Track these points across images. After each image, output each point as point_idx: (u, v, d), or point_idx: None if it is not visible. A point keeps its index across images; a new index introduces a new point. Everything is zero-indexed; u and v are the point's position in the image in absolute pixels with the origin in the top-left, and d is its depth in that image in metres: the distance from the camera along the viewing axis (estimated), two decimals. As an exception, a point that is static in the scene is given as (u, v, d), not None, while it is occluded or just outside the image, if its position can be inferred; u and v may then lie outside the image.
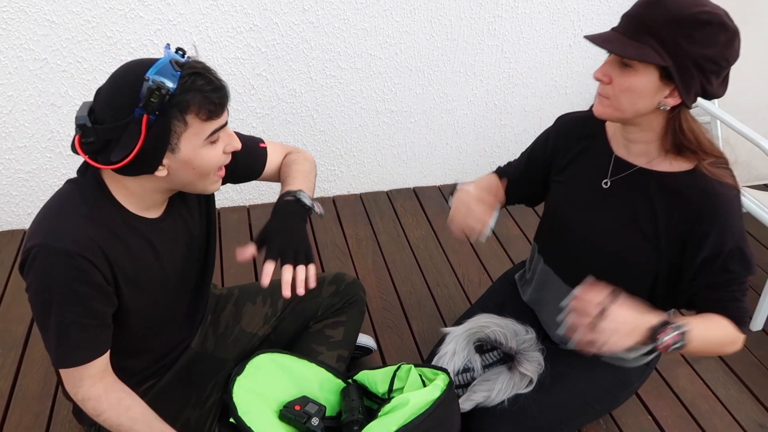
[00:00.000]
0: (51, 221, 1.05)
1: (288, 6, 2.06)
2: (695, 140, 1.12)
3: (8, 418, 1.57)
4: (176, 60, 1.00)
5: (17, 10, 1.85)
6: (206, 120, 1.02)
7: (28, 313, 1.88)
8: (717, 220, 1.13)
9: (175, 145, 1.02)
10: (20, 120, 2.03)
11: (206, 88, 1.01)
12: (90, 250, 1.04)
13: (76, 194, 1.08)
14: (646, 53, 1.04)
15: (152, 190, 1.11)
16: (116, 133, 0.99)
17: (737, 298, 1.18)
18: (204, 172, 1.08)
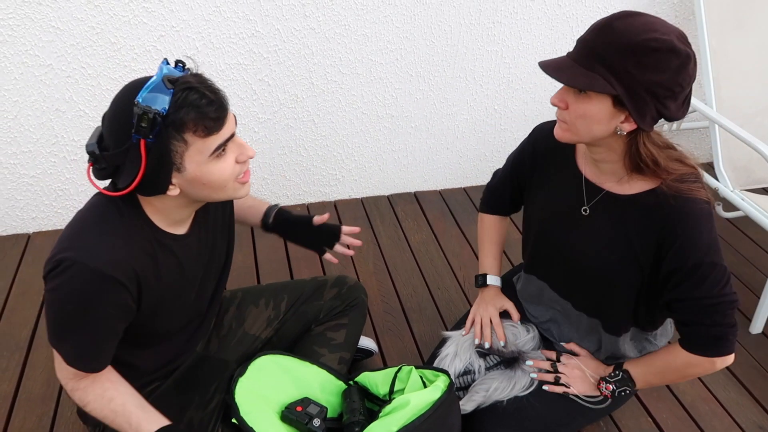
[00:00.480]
0: (89, 237, 1.04)
1: (289, 12, 2.08)
2: (652, 162, 1.12)
3: (12, 421, 1.58)
4: (169, 77, 0.97)
5: (23, 16, 1.88)
6: (206, 136, 1.00)
7: (32, 316, 1.90)
8: (678, 235, 1.14)
9: (179, 164, 1.01)
10: (25, 125, 2.05)
11: (200, 102, 0.97)
12: (124, 272, 1.05)
13: (113, 210, 1.07)
14: (595, 83, 1.04)
15: (175, 207, 1.11)
16: (121, 158, 1.00)
17: (696, 321, 1.20)
18: (218, 186, 1.07)
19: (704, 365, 1.24)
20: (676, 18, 2.47)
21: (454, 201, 2.59)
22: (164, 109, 0.95)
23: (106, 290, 1.04)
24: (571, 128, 1.14)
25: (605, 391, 1.35)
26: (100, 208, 1.08)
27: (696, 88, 2.53)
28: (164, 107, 0.95)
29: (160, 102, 0.95)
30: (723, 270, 1.16)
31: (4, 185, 2.15)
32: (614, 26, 1.04)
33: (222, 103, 1.01)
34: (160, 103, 0.95)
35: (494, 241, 1.60)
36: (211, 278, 1.31)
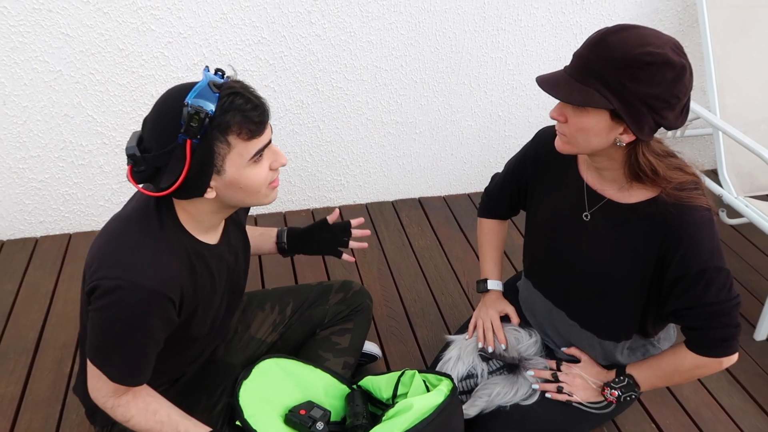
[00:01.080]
0: (134, 254, 1.05)
1: (295, 19, 2.10)
2: (651, 172, 1.13)
3: (18, 422, 1.59)
4: (214, 82, 1.00)
5: (33, 23, 1.90)
6: (248, 140, 1.02)
7: (39, 319, 1.92)
8: (681, 244, 1.15)
9: (220, 166, 1.03)
10: (34, 130, 2.08)
11: (245, 107, 1.00)
12: (172, 288, 1.07)
13: (154, 220, 1.09)
14: (591, 98, 1.05)
15: (208, 212, 1.12)
16: (163, 160, 1.01)
17: (704, 326, 1.21)
18: (253, 190, 1.09)
19: (712, 366, 1.25)
20: (680, 25, 2.48)
21: (458, 207, 2.59)
22: (211, 111, 0.98)
23: (156, 305, 1.05)
24: (570, 141, 1.15)
25: (610, 397, 1.35)
26: (141, 219, 1.09)
27: (700, 95, 2.55)
28: (211, 110, 0.98)
29: (207, 105, 0.98)
30: (727, 273, 1.17)
31: (12, 189, 2.17)
32: (608, 41, 1.04)
33: (265, 108, 1.05)
34: (207, 106, 0.98)
35: (494, 245, 1.61)
36: (235, 286, 1.33)
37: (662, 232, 1.17)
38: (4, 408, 1.62)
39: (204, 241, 1.16)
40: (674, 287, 1.19)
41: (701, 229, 1.15)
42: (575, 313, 1.39)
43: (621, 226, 1.23)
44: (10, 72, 1.96)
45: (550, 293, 1.44)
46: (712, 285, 1.16)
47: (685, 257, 1.15)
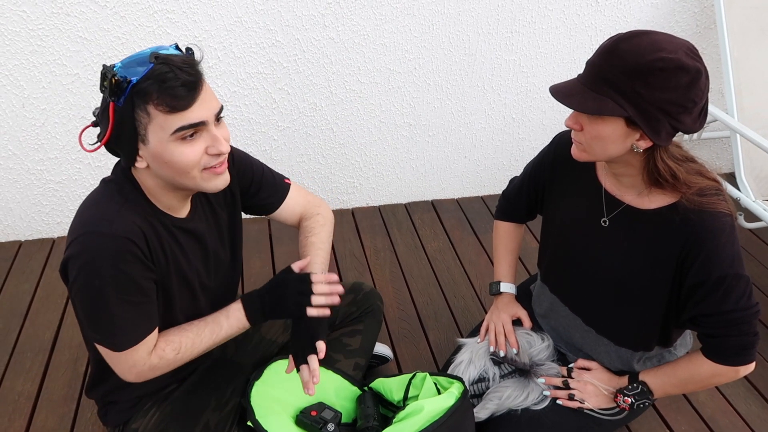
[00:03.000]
0: (90, 211, 1.09)
1: (309, 22, 2.11)
2: (671, 177, 1.12)
3: (34, 420, 1.62)
4: (157, 53, 1.01)
5: (51, 27, 1.93)
6: (168, 112, 1.01)
7: (55, 318, 1.94)
8: (701, 250, 1.13)
9: (143, 135, 1.04)
10: (52, 132, 2.11)
11: (167, 76, 0.99)
12: (132, 231, 1.07)
13: (112, 188, 1.12)
14: (605, 106, 1.04)
15: (157, 187, 1.12)
16: (100, 119, 1.07)
17: (723, 334, 1.19)
18: (180, 170, 1.06)
19: (728, 374, 1.23)
20: (697, 27, 2.45)
21: (471, 209, 2.59)
22: (135, 78, 0.99)
23: (120, 248, 1.05)
24: (587, 149, 1.14)
25: (623, 404, 1.34)
26: (101, 190, 1.14)
27: (717, 97, 2.52)
28: (137, 77, 1.00)
29: (135, 72, 1.00)
30: (747, 281, 1.15)
31: (30, 191, 2.21)
32: (620, 48, 1.03)
33: (193, 84, 1.02)
34: (135, 73, 1.00)
35: (509, 248, 1.60)
36: (219, 272, 1.31)
37: (682, 238, 1.15)
38: (20, 406, 1.65)
39: (167, 212, 1.16)
40: (693, 294, 1.17)
41: (722, 236, 1.13)
42: (592, 319, 1.38)
43: (640, 232, 1.22)
44: (29, 75, 2.00)
45: (566, 298, 1.43)
46: (732, 292, 1.14)
47: (706, 264, 1.13)
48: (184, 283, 1.21)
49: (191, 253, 1.21)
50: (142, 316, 1.12)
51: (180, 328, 1.20)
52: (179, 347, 1.18)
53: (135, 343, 1.11)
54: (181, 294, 1.21)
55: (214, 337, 1.21)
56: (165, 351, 1.16)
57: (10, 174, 2.16)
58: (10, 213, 2.24)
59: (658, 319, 1.27)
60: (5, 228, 2.27)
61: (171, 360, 1.17)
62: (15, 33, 1.92)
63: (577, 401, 1.36)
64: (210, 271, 1.28)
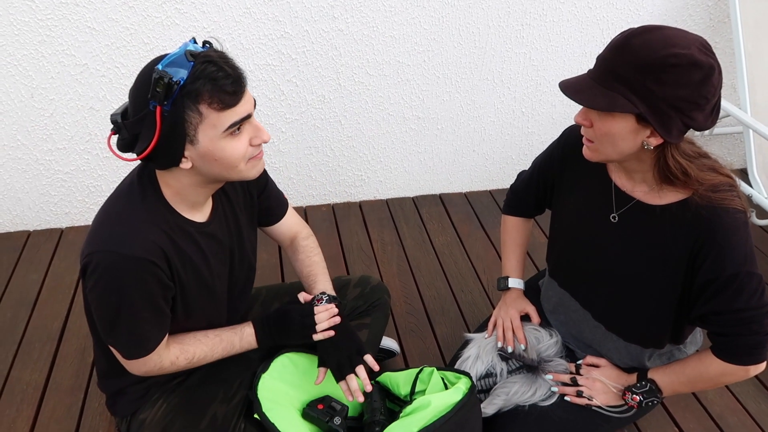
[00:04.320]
0: (114, 227, 1.08)
1: (318, 14, 2.10)
2: (682, 173, 1.10)
3: (42, 409, 1.62)
4: (191, 51, 1.00)
5: (60, 17, 1.93)
6: (221, 110, 1.01)
7: (63, 309, 1.95)
8: (713, 246, 1.12)
9: (193, 136, 1.02)
10: (60, 123, 2.11)
11: (217, 75, 0.99)
12: (154, 252, 1.08)
13: (135, 197, 1.11)
14: (616, 102, 1.02)
15: (190, 185, 1.12)
16: (139, 126, 1.02)
17: (733, 332, 1.17)
18: (229, 164, 1.07)
19: (738, 373, 1.22)
20: (711, 21, 2.42)
21: (480, 203, 2.57)
22: (182, 79, 0.98)
23: (141, 271, 1.07)
24: (598, 147, 1.13)
25: (632, 402, 1.33)
26: (122, 199, 1.12)
27: (730, 92, 2.49)
28: (182, 77, 0.98)
29: (179, 72, 0.98)
30: (759, 279, 1.13)
31: (39, 181, 2.21)
32: (632, 44, 1.01)
33: (239, 79, 1.03)
34: (179, 74, 0.98)
35: (517, 243, 1.59)
36: (238, 271, 1.33)
37: (694, 234, 1.14)
38: (29, 395, 1.66)
39: (189, 218, 1.16)
40: (704, 291, 1.16)
41: (735, 233, 1.11)
42: (601, 315, 1.37)
43: (650, 228, 1.20)
44: (38, 65, 1.99)
45: (576, 293, 1.41)
46: (744, 290, 1.12)
47: (717, 261, 1.12)
48: (203, 289, 1.22)
49: (212, 257, 1.22)
50: (155, 328, 1.15)
51: (196, 338, 1.25)
52: (192, 358, 1.24)
53: (146, 353, 1.16)
54: (201, 298, 1.23)
55: (225, 353, 1.28)
56: (178, 359, 1.22)
57: (18, 164, 2.16)
58: (19, 203, 2.25)
59: (668, 316, 1.26)
60: (14, 218, 2.28)
61: (182, 366, 1.24)
62: (24, 23, 1.92)
63: (585, 398, 1.35)
64: (230, 272, 1.30)
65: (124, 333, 1.13)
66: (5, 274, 2.09)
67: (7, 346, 1.80)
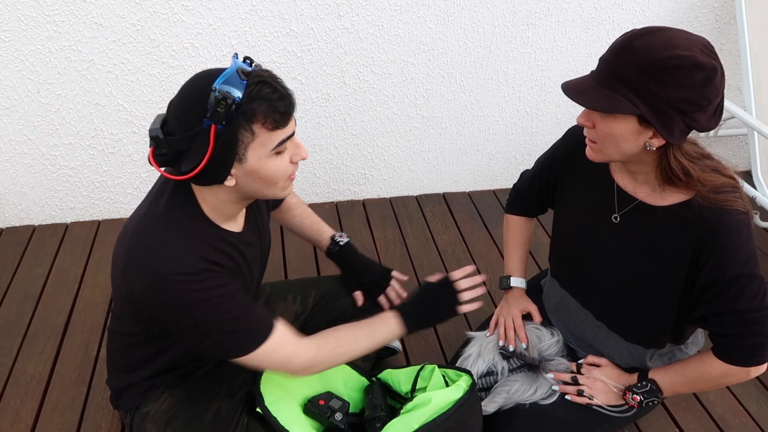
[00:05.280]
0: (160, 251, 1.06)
1: (324, 12, 2.10)
2: (684, 175, 1.10)
3: (46, 402, 1.64)
4: (243, 69, 1.00)
5: (67, 13, 1.94)
6: (272, 129, 1.02)
7: (67, 303, 1.96)
8: (715, 248, 1.12)
9: (242, 155, 1.03)
10: (66, 118, 2.12)
11: (272, 96, 1.00)
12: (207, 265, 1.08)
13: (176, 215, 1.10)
14: (618, 104, 1.02)
15: (227, 201, 1.13)
16: (187, 143, 1.01)
17: (734, 333, 1.17)
18: (272, 181, 1.09)
19: (740, 375, 1.22)
20: (717, 22, 2.41)
21: (483, 203, 2.58)
22: (238, 98, 0.98)
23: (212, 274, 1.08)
24: (601, 148, 1.13)
25: (632, 402, 1.33)
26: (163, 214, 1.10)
27: (736, 94, 2.48)
28: (238, 96, 0.98)
29: (234, 92, 0.98)
30: (761, 281, 1.13)
31: (45, 176, 2.23)
32: (634, 45, 1.02)
33: (291, 99, 1.05)
34: (234, 93, 0.98)
35: (520, 242, 1.60)
36: (261, 273, 1.37)
37: (696, 235, 1.14)
38: (32, 388, 1.67)
39: (227, 229, 1.17)
40: (706, 292, 1.16)
41: (737, 234, 1.11)
42: (603, 315, 1.37)
43: (653, 228, 1.20)
44: (45, 60, 2.01)
45: (577, 293, 1.42)
46: (745, 292, 1.12)
47: (720, 262, 1.12)
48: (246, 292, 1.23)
49: (252, 263, 1.25)
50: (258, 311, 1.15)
51: (333, 329, 1.26)
52: (338, 340, 1.23)
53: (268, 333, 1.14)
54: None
55: (369, 339, 1.26)
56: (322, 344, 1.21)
57: (24, 159, 2.18)
58: (25, 197, 2.26)
59: (669, 316, 1.26)
60: (19, 212, 2.29)
61: (330, 350, 1.22)
62: (31, 18, 1.93)
63: (585, 397, 1.35)
64: (260, 272, 1.35)
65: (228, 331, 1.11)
66: (10, 268, 2.10)
67: (11, 339, 1.82)
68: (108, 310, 1.94)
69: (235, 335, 1.12)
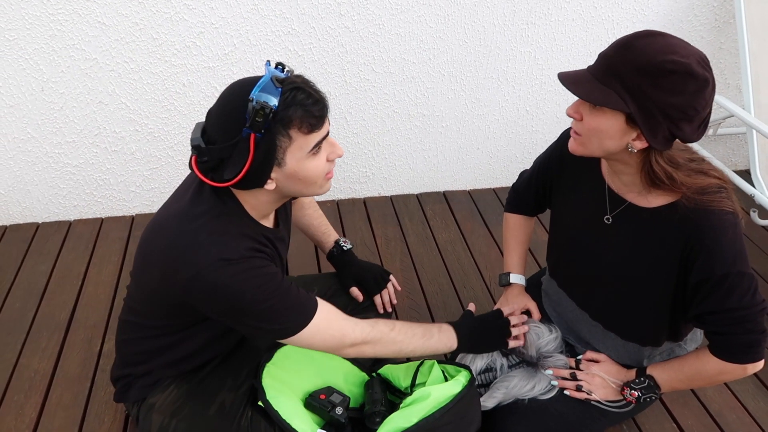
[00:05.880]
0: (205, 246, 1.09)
1: (325, 11, 2.12)
2: (667, 178, 1.12)
3: (49, 397, 1.65)
4: (277, 76, 1.04)
5: (71, 12, 1.96)
6: (308, 133, 1.06)
7: (71, 299, 1.98)
8: (702, 248, 1.13)
9: (281, 159, 1.07)
10: (70, 116, 2.14)
11: (307, 102, 1.04)
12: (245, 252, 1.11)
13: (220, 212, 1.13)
14: (609, 99, 1.04)
15: (267, 202, 1.17)
16: (227, 152, 1.05)
17: (728, 331, 1.19)
18: (311, 181, 1.13)
19: (736, 372, 1.23)
20: (716, 21, 2.42)
21: (483, 201, 2.59)
22: (275, 106, 1.02)
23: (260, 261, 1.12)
24: (584, 141, 1.15)
25: (630, 397, 1.34)
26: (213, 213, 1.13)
27: (735, 93, 2.49)
28: (275, 104, 1.02)
29: (270, 100, 1.01)
30: (750, 278, 1.15)
31: (48, 174, 2.25)
32: (634, 45, 1.04)
33: (325, 102, 1.09)
34: (271, 101, 1.01)
35: (519, 240, 1.61)
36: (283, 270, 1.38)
37: (683, 237, 1.15)
38: (36, 383, 1.69)
39: (267, 226, 1.22)
40: (697, 292, 1.18)
41: (723, 234, 1.12)
42: (598, 315, 1.39)
43: (642, 230, 1.22)
44: (49, 59, 2.02)
45: (573, 293, 1.43)
46: (735, 290, 1.14)
47: (707, 262, 1.13)
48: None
49: (283, 257, 1.30)
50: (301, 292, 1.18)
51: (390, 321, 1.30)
52: (392, 326, 1.27)
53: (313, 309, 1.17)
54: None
55: (424, 340, 1.30)
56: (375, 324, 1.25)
57: (28, 156, 2.20)
58: (28, 195, 2.28)
59: (664, 316, 1.27)
60: (23, 210, 2.31)
61: (385, 331, 1.25)
62: (35, 17, 1.95)
63: (584, 392, 1.37)
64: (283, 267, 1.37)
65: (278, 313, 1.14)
66: (14, 265, 2.12)
67: (15, 335, 1.83)
68: (111, 307, 1.95)
69: (285, 312, 1.14)
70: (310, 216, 1.62)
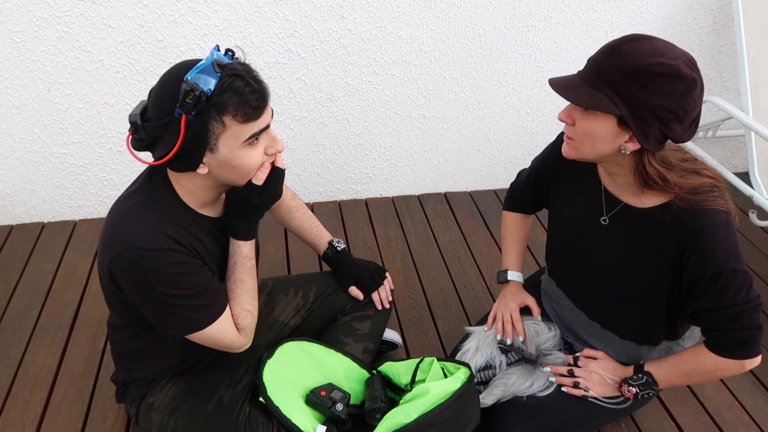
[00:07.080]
0: (127, 227, 1.10)
1: (327, 14, 2.14)
2: (660, 179, 1.14)
3: (54, 393, 1.67)
4: (218, 61, 1.03)
5: (78, 14, 1.99)
6: (244, 122, 1.05)
7: (75, 297, 2.00)
8: (696, 248, 1.15)
9: (213, 144, 1.06)
10: (76, 117, 2.17)
11: (244, 90, 1.03)
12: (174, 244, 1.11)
13: (148, 196, 1.14)
14: (600, 102, 1.06)
15: (203, 187, 1.16)
16: (161, 131, 1.05)
17: (724, 328, 1.20)
18: (245, 172, 1.12)
19: (733, 367, 1.25)
20: (715, 24, 2.44)
21: (484, 202, 2.61)
22: (209, 90, 1.01)
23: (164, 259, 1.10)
24: (577, 146, 1.17)
25: (628, 394, 1.36)
26: (135, 194, 1.15)
27: (733, 95, 2.51)
28: (210, 88, 1.01)
29: (206, 83, 1.01)
30: (744, 275, 1.16)
31: (54, 174, 2.27)
32: (622, 49, 1.06)
33: (263, 93, 1.07)
34: (207, 84, 1.01)
35: (517, 238, 1.63)
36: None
37: (677, 236, 1.17)
38: (41, 379, 1.71)
39: (203, 213, 1.20)
40: (692, 290, 1.19)
41: (715, 232, 1.14)
42: (595, 314, 1.40)
43: (637, 231, 1.24)
44: (56, 61, 2.05)
45: (571, 293, 1.45)
46: (729, 288, 1.15)
47: (700, 261, 1.15)
48: (221, 277, 1.27)
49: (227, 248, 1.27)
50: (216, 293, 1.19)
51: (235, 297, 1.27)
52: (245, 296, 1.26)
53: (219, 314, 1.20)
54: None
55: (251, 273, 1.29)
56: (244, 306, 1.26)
57: (34, 157, 2.22)
58: (34, 195, 2.31)
59: (661, 315, 1.29)
60: (29, 209, 2.34)
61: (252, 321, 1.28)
62: (43, 19, 1.98)
63: (582, 389, 1.38)
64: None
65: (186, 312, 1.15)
66: (20, 264, 2.14)
67: (21, 332, 1.86)
68: (115, 305, 1.98)
69: (192, 311, 1.15)
70: (300, 219, 1.61)
